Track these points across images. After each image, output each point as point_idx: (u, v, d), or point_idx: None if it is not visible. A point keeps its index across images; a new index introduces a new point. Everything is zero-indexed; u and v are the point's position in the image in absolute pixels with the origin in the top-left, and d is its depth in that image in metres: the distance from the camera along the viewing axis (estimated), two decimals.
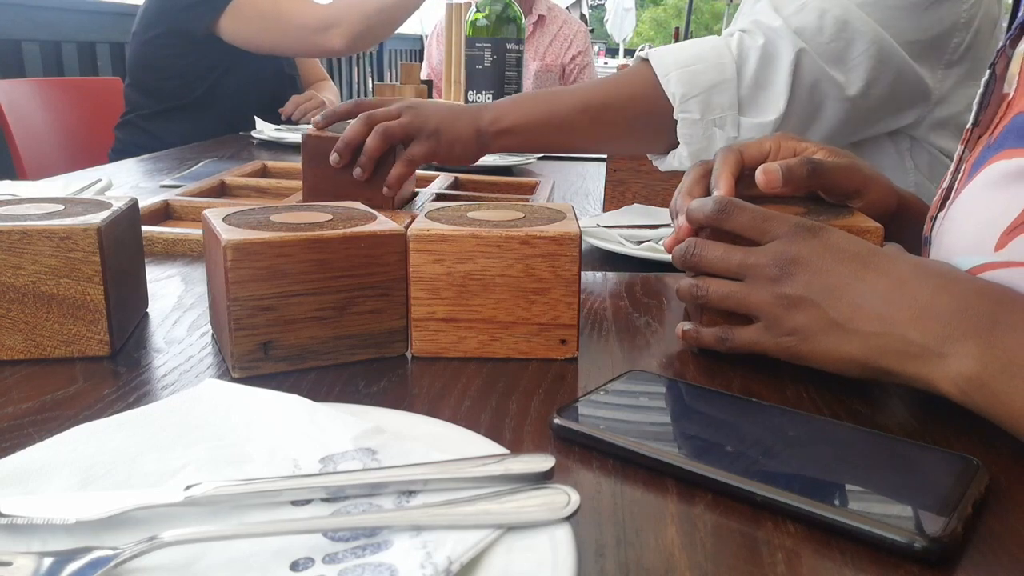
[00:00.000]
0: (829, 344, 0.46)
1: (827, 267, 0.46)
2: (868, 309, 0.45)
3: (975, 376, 0.41)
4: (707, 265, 0.51)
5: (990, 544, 0.35)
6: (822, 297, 0.46)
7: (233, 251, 0.46)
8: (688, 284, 0.52)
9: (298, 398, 0.39)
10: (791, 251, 0.47)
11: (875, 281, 0.45)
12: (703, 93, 0.86)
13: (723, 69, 0.87)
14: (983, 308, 0.42)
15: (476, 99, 1.42)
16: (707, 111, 0.86)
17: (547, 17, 2.80)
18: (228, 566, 0.29)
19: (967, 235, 0.51)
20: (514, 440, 0.42)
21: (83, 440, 0.36)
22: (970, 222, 0.51)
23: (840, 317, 0.45)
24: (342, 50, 1.65)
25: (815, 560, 0.33)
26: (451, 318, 0.51)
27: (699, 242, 0.51)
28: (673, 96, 0.86)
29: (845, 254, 0.47)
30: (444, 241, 0.50)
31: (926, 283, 0.44)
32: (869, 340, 0.44)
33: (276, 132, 1.57)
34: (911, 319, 0.43)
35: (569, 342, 0.52)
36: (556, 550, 0.29)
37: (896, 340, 0.43)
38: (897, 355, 0.43)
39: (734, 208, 0.50)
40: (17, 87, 1.75)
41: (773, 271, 0.47)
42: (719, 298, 0.50)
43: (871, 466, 0.39)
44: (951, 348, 0.42)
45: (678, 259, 0.53)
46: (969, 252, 0.50)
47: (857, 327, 0.45)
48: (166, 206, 0.87)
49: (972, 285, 0.44)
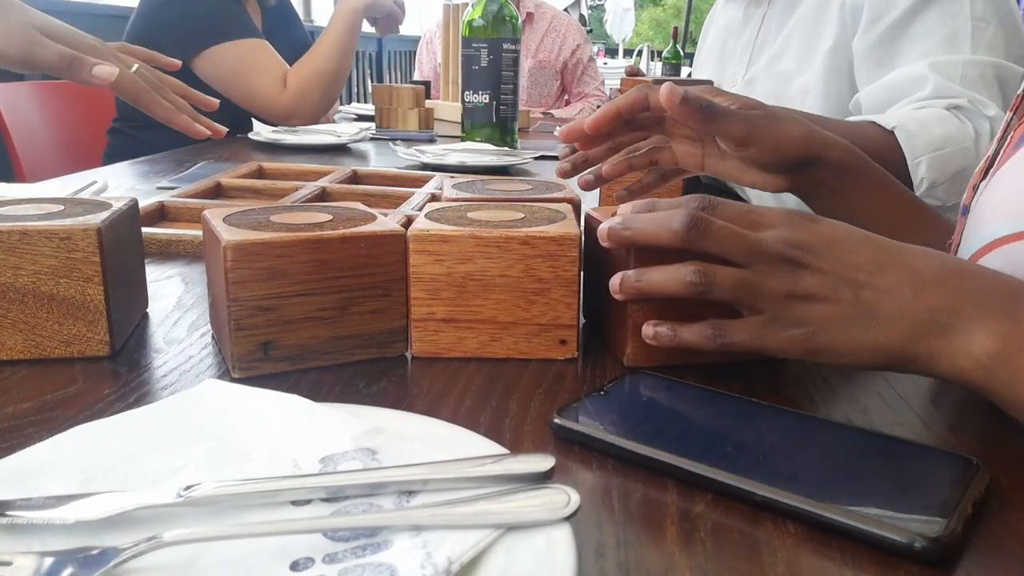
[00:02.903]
0: (851, 334, 0.43)
1: (844, 256, 0.44)
2: (894, 296, 0.43)
3: (1000, 351, 0.41)
4: (719, 242, 0.45)
5: (990, 544, 0.35)
6: (844, 286, 0.44)
7: (233, 251, 0.46)
8: (676, 271, 0.45)
9: (298, 398, 0.39)
10: (799, 238, 0.45)
11: (896, 269, 0.44)
12: (949, 180, 0.90)
13: (967, 154, 0.91)
14: (1004, 291, 0.43)
15: (473, 99, 1.42)
16: (950, 196, 0.90)
17: (535, 14, 2.79)
18: (228, 566, 0.29)
19: (1007, 203, 0.50)
20: (514, 440, 0.42)
21: (83, 440, 0.36)
22: (1013, 190, 0.50)
23: (865, 307, 0.43)
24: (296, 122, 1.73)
25: (815, 560, 0.33)
26: (451, 318, 0.51)
27: (706, 217, 0.45)
28: (922, 180, 0.90)
29: (856, 241, 0.45)
30: (444, 241, 0.50)
31: (943, 269, 0.44)
32: (895, 326, 0.43)
33: (273, 134, 1.57)
34: (937, 303, 0.43)
35: (569, 343, 0.52)
36: (556, 550, 0.29)
37: (923, 324, 0.42)
38: (923, 339, 0.42)
39: (718, 204, 0.47)
40: (15, 90, 1.75)
41: (788, 260, 0.44)
42: (730, 287, 0.45)
43: (871, 466, 0.39)
44: (977, 326, 0.41)
45: (672, 232, 0.45)
46: (1009, 219, 0.49)
47: (883, 314, 0.43)
48: (162, 207, 0.87)
49: (986, 271, 0.45)
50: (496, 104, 1.42)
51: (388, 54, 5.16)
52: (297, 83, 1.69)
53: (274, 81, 1.67)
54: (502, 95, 1.41)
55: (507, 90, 1.42)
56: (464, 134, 1.47)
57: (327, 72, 1.73)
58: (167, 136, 1.69)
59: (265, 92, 1.67)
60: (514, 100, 1.43)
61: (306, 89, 1.70)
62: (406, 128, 1.71)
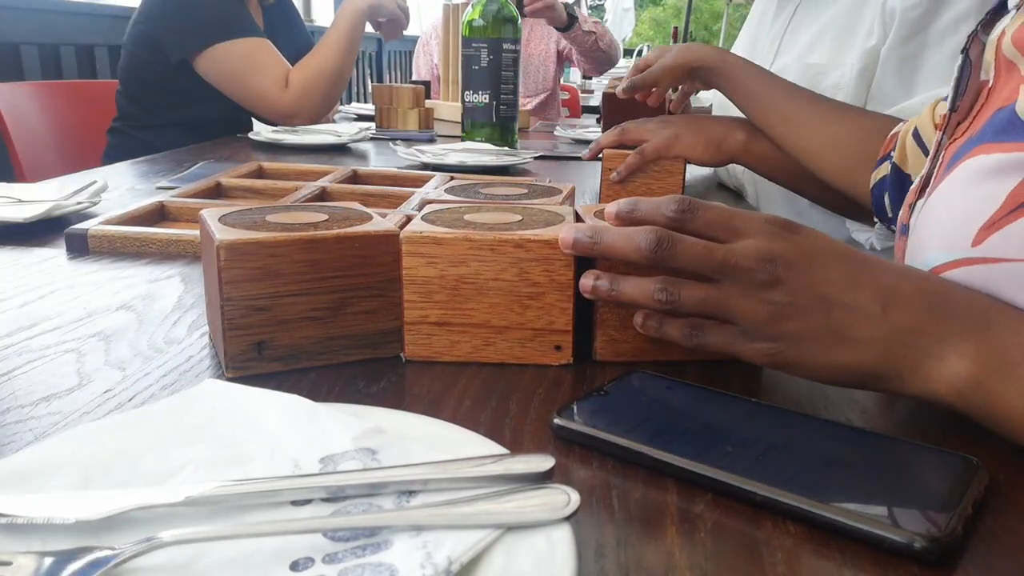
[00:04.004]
0: (820, 352, 0.43)
1: (817, 271, 0.43)
2: (865, 315, 0.43)
3: (972, 376, 0.41)
4: (685, 261, 0.44)
5: (990, 544, 0.35)
6: (815, 304, 0.43)
7: (226, 251, 0.46)
8: (645, 285, 0.46)
9: (298, 398, 0.39)
10: (773, 250, 0.43)
11: (868, 287, 0.43)
12: None
13: None
14: (975, 310, 0.42)
15: (473, 99, 1.42)
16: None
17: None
18: (228, 566, 0.29)
19: (944, 230, 0.50)
20: (514, 440, 0.42)
21: (83, 440, 0.36)
22: (947, 217, 0.50)
23: (835, 325, 0.43)
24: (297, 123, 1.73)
25: (815, 560, 0.33)
26: (444, 322, 0.51)
27: (673, 235, 0.45)
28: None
29: (832, 256, 0.44)
30: (437, 244, 0.49)
31: (916, 288, 0.44)
32: (867, 347, 0.42)
33: (273, 134, 1.57)
34: (909, 324, 0.42)
35: (564, 348, 0.51)
36: (556, 550, 0.29)
37: (894, 346, 0.42)
38: (894, 361, 0.42)
39: (698, 207, 0.46)
40: (16, 90, 1.75)
41: (759, 275, 0.43)
42: (695, 303, 0.45)
43: (871, 466, 0.39)
44: (949, 349, 0.41)
45: (639, 250, 0.45)
46: (945, 248, 0.49)
47: (853, 334, 0.43)
48: (162, 207, 0.87)
49: (958, 290, 0.44)
50: (496, 104, 1.42)
51: (388, 54, 5.16)
52: (299, 83, 1.69)
53: (276, 81, 1.67)
54: (502, 95, 1.41)
55: (507, 90, 1.42)
56: (464, 134, 1.47)
57: (329, 72, 1.73)
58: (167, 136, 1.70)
59: (267, 92, 1.67)
60: (514, 100, 1.43)
61: (308, 89, 1.70)
62: (406, 128, 1.71)
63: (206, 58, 1.64)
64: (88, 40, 2.44)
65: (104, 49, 2.50)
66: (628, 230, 0.46)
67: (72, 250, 0.75)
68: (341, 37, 1.74)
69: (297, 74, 1.70)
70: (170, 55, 1.64)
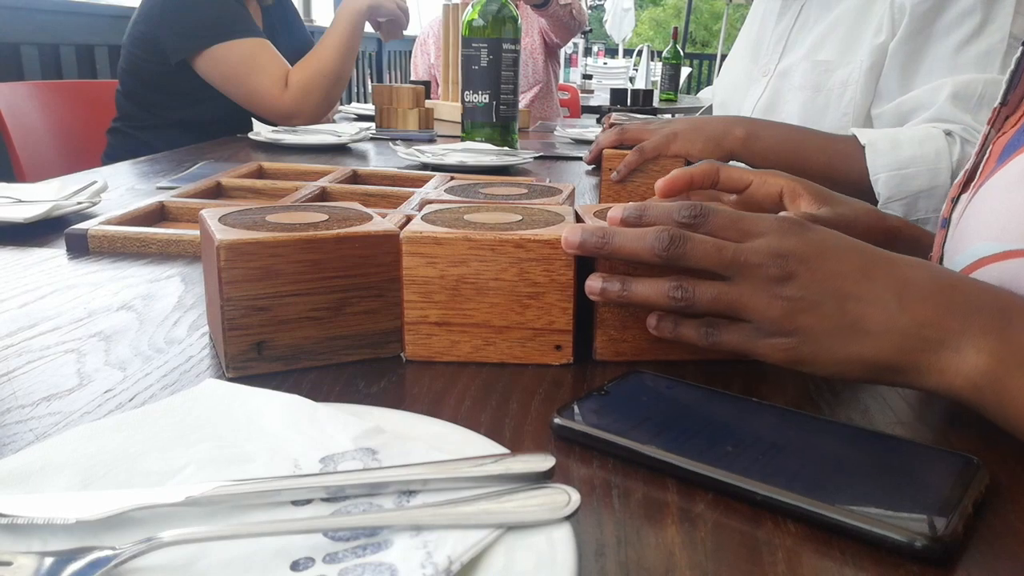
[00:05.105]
0: (836, 345, 0.43)
1: (830, 265, 0.43)
2: (881, 308, 0.42)
3: (990, 370, 0.40)
4: (697, 259, 0.44)
5: (991, 543, 0.35)
6: (829, 297, 0.43)
7: (226, 251, 0.46)
8: (659, 284, 0.46)
9: (298, 398, 0.39)
10: (785, 246, 0.44)
11: (884, 279, 0.43)
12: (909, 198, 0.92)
13: (937, 175, 0.92)
14: (995, 306, 0.42)
15: (473, 99, 1.42)
16: (910, 212, 0.93)
17: None
18: (228, 566, 0.29)
19: (990, 221, 0.49)
20: (514, 440, 0.42)
21: (83, 440, 0.36)
22: (1002, 208, 0.50)
23: (851, 318, 0.42)
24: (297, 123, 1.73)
25: (815, 560, 0.33)
26: (444, 322, 0.51)
27: (685, 233, 0.45)
28: (879, 195, 0.94)
29: (845, 250, 0.44)
30: (437, 244, 0.49)
31: (933, 281, 0.43)
32: (882, 339, 0.42)
33: (273, 134, 1.56)
34: (926, 317, 0.42)
35: (564, 348, 0.51)
36: (556, 550, 0.29)
37: (911, 339, 0.42)
38: (911, 353, 0.42)
39: (709, 211, 0.46)
40: (16, 90, 1.75)
41: (771, 270, 0.43)
42: (709, 300, 0.45)
43: (871, 465, 0.39)
44: (967, 343, 0.41)
45: (650, 249, 0.45)
46: (994, 239, 0.48)
47: (869, 326, 0.42)
48: (162, 207, 0.87)
49: (977, 285, 0.44)
50: (496, 104, 1.42)
51: (388, 54, 5.16)
52: (299, 83, 1.69)
53: (276, 81, 1.67)
54: (502, 95, 1.41)
55: (507, 90, 1.42)
56: (464, 134, 1.47)
57: (329, 73, 1.73)
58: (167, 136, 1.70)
59: (266, 92, 1.67)
60: (514, 100, 1.43)
61: (308, 89, 1.70)
62: (406, 128, 1.71)
63: (206, 59, 1.64)
64: (88, 40, 2.44)
65: (104, 49, 2.50)
66: (639, 230, 0.46)
67: (72, 250, 0.75)
68: (341, 37, 1.75)
69: (297, 74, 1.70)
70: (170, 56, 1.64)
